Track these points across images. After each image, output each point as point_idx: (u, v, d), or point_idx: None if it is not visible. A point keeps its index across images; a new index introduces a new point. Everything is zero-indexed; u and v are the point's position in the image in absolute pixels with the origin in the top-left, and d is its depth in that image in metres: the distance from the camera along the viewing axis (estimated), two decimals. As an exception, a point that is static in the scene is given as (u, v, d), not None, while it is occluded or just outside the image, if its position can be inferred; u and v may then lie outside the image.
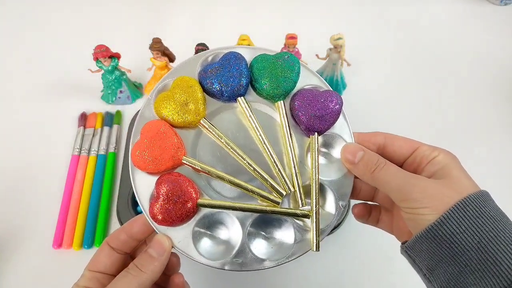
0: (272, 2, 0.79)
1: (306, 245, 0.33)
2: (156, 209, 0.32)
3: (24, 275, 0.49)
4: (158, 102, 0.34)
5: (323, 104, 0.34)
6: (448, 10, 0.79)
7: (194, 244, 0.32)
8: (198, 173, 0.34)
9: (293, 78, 0.35)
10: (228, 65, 0.35)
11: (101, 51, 0.55)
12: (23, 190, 0.55)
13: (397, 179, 0.30)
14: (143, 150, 0.32)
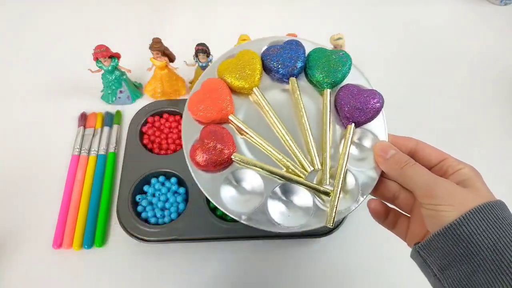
0: (272, 2, 0.79)
1: (321, 222, 0.35)
2: (197, 151, 0.35)
3: (24, 275, 0.49)
4: (222, 65, 0.39)
5: (366, 99, 0.37)
6: (448, 10, 0.79)
7: (220, 191, 0.35)
8: (240, 134, 0.38)
9: (343, 72, 0.39)
10: (289, 48, 0.39)
11: (101, 51, 0.55)
12: (23, 190, 0.55)
13: (424, 176, 0.32)
14: (199, 98, 0.37)
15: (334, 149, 0.38)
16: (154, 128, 0.59)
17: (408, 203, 0.36)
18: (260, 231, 0.50)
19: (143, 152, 0.56)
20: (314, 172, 0.37)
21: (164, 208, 0.52)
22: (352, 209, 0.36)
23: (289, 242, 0.52)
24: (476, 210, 0.28)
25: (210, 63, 0.59)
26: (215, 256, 0.51)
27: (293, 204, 0.36)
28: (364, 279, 0.50)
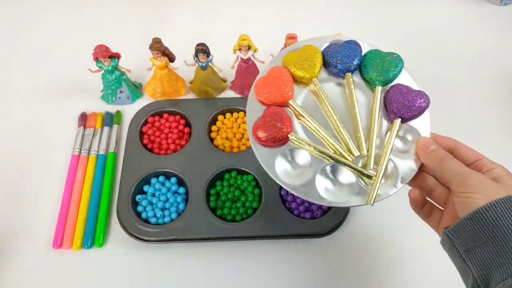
0: (272, 2, 0.79)
1: (362, 201, 0.40)
2: (259, 127, 0.40)
3: (25, 275, 0.49)
4: (288, 56, 0.44)
5: (414, 98, 0.41)
6: (448, 10, 0.79)
7: (275, 166, 0.40)
8: (297, 118, 0.42)
9: (395, 72, 0.43)
10: (348, 47, 0.45)
11: (101, 51, 0.55)
12: (23, 190, 0.55)
13: (460, 169, 0.36)
14: (265, 83, 0.43)
15: (379, 139, 0.42)
16: (154, 128, 0.59)
17: (443, 197, 0.40)
18: (260, 231, 0.51)
19: (143, 152, 0.56)
20: (360, 157, 0.41)
21: (164, 208, 0.53)
22: (390, 193, 0.40)
23: (289, 242, 0.52)
24: (503, 199, 0.31)
25: (210, 63, 0.59)
26: (215, 256, 0.51)
27: (338, 182, 0.40)
28: (364, 279, 0.50)
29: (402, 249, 0.52)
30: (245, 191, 0.54)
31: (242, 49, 0.57)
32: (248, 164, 0.55)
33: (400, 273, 0.50)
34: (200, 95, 0.63)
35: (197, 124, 0.59)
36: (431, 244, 0.52)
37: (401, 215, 0.54)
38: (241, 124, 0.60)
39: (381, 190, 0.40)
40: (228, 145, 0.58)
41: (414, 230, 0.53)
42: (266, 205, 0.51)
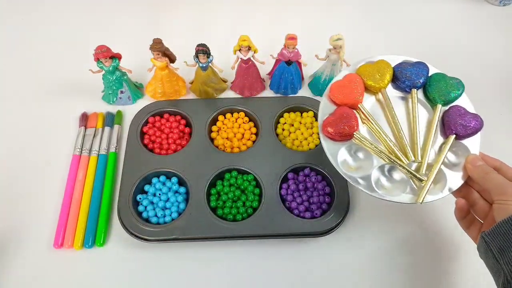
0: (272, 3, 0.80)
1: (411, 200, 0.46)
2: (330, 122, 0.47)
3: (26, 275, 0.49)
4: (362, 67, 0.52)
5: (469, 119, 0.48)
6: (447, 10, 0.79)
7: (338, 156, 0.47)
8: (362, 121, 0.49)
9: (456, 95, 0.50)
10: (417, 67, 0.51)
11: (102, 52, 0.56)
12: (24, 190, 0.56)
13: (501, 180, 0.41)
14: (340, 86, 0.50)
15: (433, 151, 0.48)
16: (155, 128, 0.60)
17: (484, 211, 0.44)
18: (260, 231, 0.51)
19: (144, 152, 0.57)
20: (413, 162, 0.47)
21: (165, 208, 0.53)
22: (436, 198, 0.45)
23: (289, 242, 0.52)
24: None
25: (210, 63, 0.59)
26: (216, 255, 0.51)
27: (392, 180, 0.47)
28: (364, 279, 0.50)
29: (402, 249, 0.53)
30: (245, 191, 0.54)
31: (242, 49, 0.58)
32: (248, 164, 0.55)
33: (399, 273, 0.51)
34: (201, 96, 0.63)
35: (197, 124, 0.59)
36: (431, 244, 0.53)
37: (401, 215, 0.54)
38: (241, 124, 0.60)
39: (429, 194, 0.45)
40: (229, 145, 0.58)
41: (414, 229, 0.54)
42: (266, 205, 0.52)
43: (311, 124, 0.60)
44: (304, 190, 0.54)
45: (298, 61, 0.61)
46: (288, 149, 0.57)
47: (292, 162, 0.55)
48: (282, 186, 0.54)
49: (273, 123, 0.59)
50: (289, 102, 0.62)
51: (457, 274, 0.51)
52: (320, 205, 0.53)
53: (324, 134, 0.48)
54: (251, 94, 0.64)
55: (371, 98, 0.51)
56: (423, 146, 0.48)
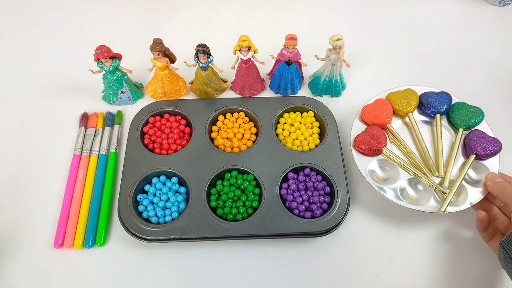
0: (272, 3, 0.80)
1: (434, 210, 0.50)
2: (361, 138, 0.54)
3: (26, 275, 0.50)
4: (392, 94, 0.59)
5: (489, 142, 0.54)
6: (447, 10, 0.79)
7: (367, 168, 0.53)
8: (390, 139, 0.56)
9: (477, 121, 0.56)
10: (441, 95, 0.58)
11: (102, 52, 0.56)
12: (24, 190, 0.56)
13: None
14: (372, 108, 0.57)
15: (456, 168, 0.54)
16: (155, 128, 0.60)
17: (504, 225, 0.48)
18: (260, 230, 0.51)
19: (144, 152, 0.57)
20: (437, 177, 0.53)
21: (165, 208, 0.53)
22: (458, 209, 0.50)
23: (289, 242, 0.52)
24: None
25: (210, 63, 0.59)
26: (216, 255, 0.51)
27: (417, 191, 0.53)
28: (364, 279, 0.50)
29: (402, 249, 0.53)
30: (245, 191, 0.54)
31: (242, 50, 0.58)
32: (249, 163, 0.55)
33: (399, 273, 0.51)
34: (201, 96, 0.63)
35: (197, 124, 0.59)
36: (429, 244, 0.53)
37: (401, 215, 0.54)
38: (241, 124, 0.60)
39: (451, 205, 0.50)
40: (229, 145, 0.58)
41: (414, 230, 0.54)
42: (266, 205, 0.52)
43: (311, 124, 0.60)
44: (304, 190, 0.54)
45: (298, 61, 0.61)
46: (288, 149, 0.57)
47: (292, 162, 0.55)
48: (282, 186, 0.54)
49: (273, 123, 0.60)
50: (289, 102, 0.62)
51: (458, 274, 0.51)
52: (320, 205, 0.53)
53: (356, 149, 0.54)
54: (251, 94, 0.64)
55: (398, 121, 0.59)
56: (446, 163, 0.54)
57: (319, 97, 0.66)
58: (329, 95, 0.66)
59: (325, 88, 0.65)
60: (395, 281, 0.50)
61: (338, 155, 0.56)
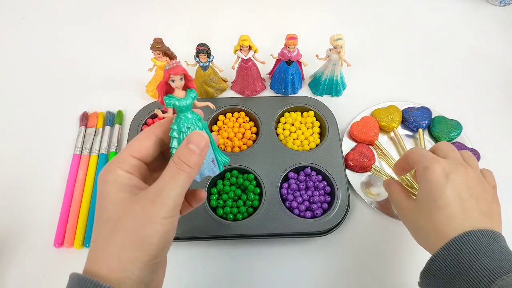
0: (272, 3, 0.80)
1: None
2: (351, 156, 0.57)
3: (26, 274, 0.49)
4: (376, 111, 0.62)
5: None
6: (447, 10, 0.79)
7: (360, 185, 0.56)
8: (379, 156, 0.59)
9: (456, 134, 0.60)
10: (422, 111, 0.61)
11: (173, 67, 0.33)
12: (24, 189, 0.56)
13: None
14: (360, 125, 0.60)
15: None
16: (155, 127, 0.60)
17: None
18: (260, 230, 0.51)
19: (144, 152, 0.56)
20: None
21: (165, 207, 0.53)
22: None
23: (289, 241, 0.52)
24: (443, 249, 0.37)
25: (210, 63, 0.59)
26: (215, 255, 0.51)
27: None
28: (364, 279, 0.50)
29: (402, 249, 0.53)
30: (246, 190, 0.54)
31: (242, 49, 0.58)
32: (249, 163, 0.55)
33: (399, 273, 0.51)
34: (201, 95, 0.63)
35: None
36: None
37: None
38: (241, 124, 0.60)
39: None
40: (229, 145, 0.58)
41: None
42: (267, 204, 0.52)
43: (311, 124, 0.60)
44: (305, 190, 0.54)
45: (299, 61, 0.61)
46: (289, 148, 0.57)
47: (293, 162, 0.55)
48: (283, 185, 0.54)
49: (273, 122, 0.60)
50: (290, 102, 0.62)
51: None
52: (321, 205, 0.53)
53: (346, 166, 0.56)
54: (252, 94, 0.64)
55: (384, 136, 0.61)
56: None
57: (320, 96, 0.66)
58: (329, 94, 0.66)
59: (325, 88, 0.65)
60: (396, 281, 0.50)
61: (339, 155, 0.56)
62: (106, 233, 0.29)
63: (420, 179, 0.40)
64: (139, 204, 0.29)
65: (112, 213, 0.29)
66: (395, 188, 0.46)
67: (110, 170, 0.30)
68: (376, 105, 0.63)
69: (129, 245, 0.28)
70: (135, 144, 0.32)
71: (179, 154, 0.31)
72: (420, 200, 0.40)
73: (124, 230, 0.28)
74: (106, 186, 0.30)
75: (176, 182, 0.30)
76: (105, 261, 0.28)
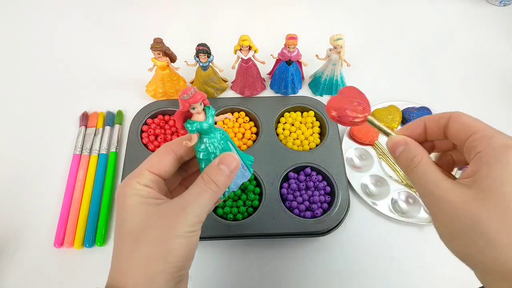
0: (273, 3, 0.80)
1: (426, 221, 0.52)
2: (336, 100, 0.33)
3: (26, 274, 0.49)
4: (376, 111, 0.61)
5: None
6: (448, 10, 0.79)
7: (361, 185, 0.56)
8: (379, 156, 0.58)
9: None
10: (421, 111, 0.61)
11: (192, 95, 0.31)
12: (24, 189, 0.56)
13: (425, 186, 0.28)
14: (360, 126, 0.59)
15: None
16: (155, 128, 0.60)
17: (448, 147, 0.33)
18: (260, 230, 0.51)
19: (144, 152, 0.56)
20: None
21: (165, 207, 0.53)
22: None
23: (289, 241, 0.52)
24: None
25: (210, 63, 0.59)
26: (215, 254, 0.51)
27: (407, 204, 0.55)
28: (364, 279, 0.50)
29: (402, 249, 0.53)
30: (246, 190, 0.54)
31: (242, 49, 0.58)
32: (249, 163, 0.55)
33: (399, 273, 0.51)
34: (201, 95, 0.63)
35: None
36: (430, 243, 0.53)
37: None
38: (241, 124, 0.60)
39: None
40: (229, 145, 0.58)
41: (414, 229, 0.54)
42: (267, 204, 0.52)
43: (311, 123, 0.60)
44: (305, 190, 0.54)
45: (299, 61, 0.61)
46: (289, 148, 0.57)
47: (293, 162, 0.55)
48: (283, 185, 0.54)
49: (273, 122, 0.59)
50: (290, 101, 0.62)
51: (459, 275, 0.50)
52: (321, 205, 0.53)
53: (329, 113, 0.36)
54: (252, 94, 0.64)
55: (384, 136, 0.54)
56: None
57: (320, 96, 0.66)
58: (329, 94, 0.66)
59: (325, 88, 0.65)
60: (396, 280, 0.50)
61: (339, 155, 0.56)
62: (129, 245, 0.29)
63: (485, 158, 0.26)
64: (164, 217, 0.29)
65: (135, 225, 0.29)
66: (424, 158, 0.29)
67: (129, 185, 0.30)
68: (376, 105, 0.63)
69: (155, 258, 0.28)
70: (153, 159, 0.32)
71: (209, 172, 0.31)
72: (484, 187, 0.25)
73: (148, 242, 0.28)
74: (126, 199, 0.30)
75: (202, 199, 0.30)
76: (131, 274, 0.28)
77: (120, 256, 0.30)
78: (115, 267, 0.30)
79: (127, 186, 0.30)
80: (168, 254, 0.28)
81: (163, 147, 0.33)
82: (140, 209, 0.29)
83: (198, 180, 0.31)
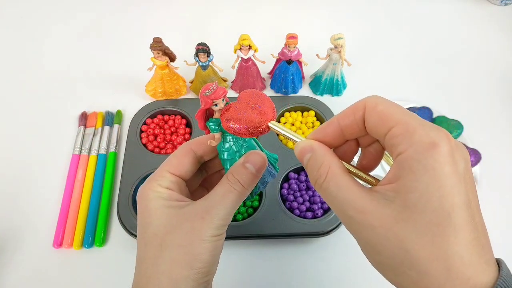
0: (273, 2, 0.79)
1: None
2: (231, 111, 0.28)
3: (25, 275, 0.49)
4: None
5: (469, 153, 0.53)
6: (448, 10, 0.79)
7: None
8: None
9: (457, 133, 0.59)
10: (423, 110, 0.61)
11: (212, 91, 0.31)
12: (23, 190, 0.55)
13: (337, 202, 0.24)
14: None
15: None
16: (154, 127, 0.59)
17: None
18: (260, 231, 0.50)
19: (143, 152, 0.56)
20: None
21: (165, 208, 0.52)
22: None
23: (289, 242, 0.52)
24: None
25: (210, 62, 0.59)
26: (216, 255, 0.51)
27: None
28: (364, 279, 0.50)
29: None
30: (245, 191, 0.54)
31: (242, 48, 0.57)
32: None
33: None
34: (201, 95, 0.63)
35: (197, 124, 0.59)
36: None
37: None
38: (241, 124, 0.60)
39: None
40: (229, 145, 0.58)
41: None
42: (267, 205, 0.51)
43: (312, 123, 0.60)
44: (305, 190, 0.54)
45: (299, 61, 0.61)
46: (289, 148, 0.57)
47: (293, 162, 0.55)
48: (283, 186, 0.54)
49: (273, 122, 0.59)
50: (290, 101, 0.62)
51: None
52: (321, 205, 0.52)
53: (224, 126, 0.30)
54: (252, 94, 0.64)
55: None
56: None
57: (320, 96, 0.65)
58: (330, 94, 0.66)
59: (326, 88, 0.64)
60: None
61: (339, 155, 0.56)
62: (154, 250, 0.28)
63: (407, 162, 0.21)
64: (188, 221, 0.28)
65: (159, 229, 0.28)
66: (335, 167, 0.24)
67: (150, 188, 0.30)
68: None
69: (180, 263, 0.27)
70: (173, 161, 0.31)
71: (234, 172, 0.29)
72: (408, 203, 0.21)
73: (173, 247, 0.28)
74: (149, 203, 0.29)
75: (227, 200, 0.29)
76: (156, 280, 0.27)
77: (144, 261, 0.29)
78: (140, 272, 0.29)
79: (148, 189, 0.30)
80: (194, 260, 0.27)
81: (182, 147, 0.32)
82: (163, 212, 0.29)
83: (222, 181, 0.30)
